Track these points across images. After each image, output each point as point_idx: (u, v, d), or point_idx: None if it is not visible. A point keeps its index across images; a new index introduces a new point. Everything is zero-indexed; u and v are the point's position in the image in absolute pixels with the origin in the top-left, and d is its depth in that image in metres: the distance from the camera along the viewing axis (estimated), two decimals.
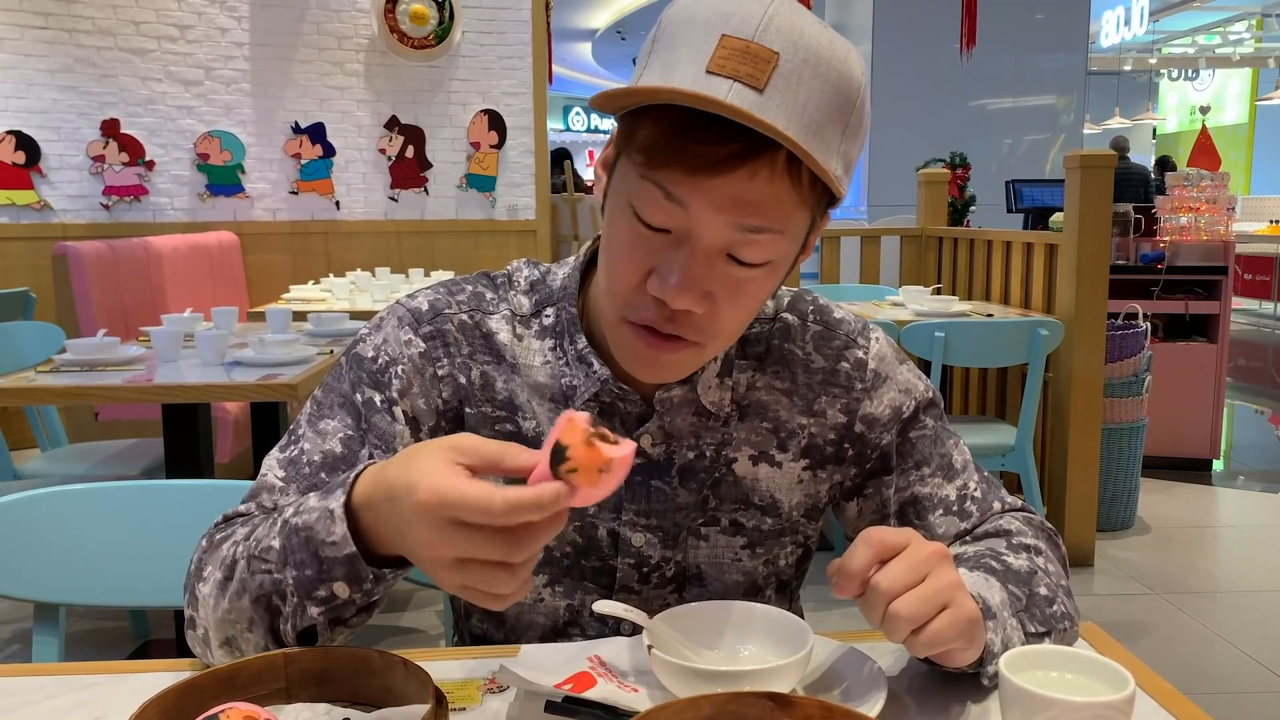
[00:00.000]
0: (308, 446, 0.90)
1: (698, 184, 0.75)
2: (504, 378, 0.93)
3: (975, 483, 0.99)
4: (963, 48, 5.73)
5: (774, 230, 0.78)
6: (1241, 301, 9.95)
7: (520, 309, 0.95)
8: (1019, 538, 0.94)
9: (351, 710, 0.72)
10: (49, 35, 4.94)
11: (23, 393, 2.36)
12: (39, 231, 4.94)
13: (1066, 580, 0.93)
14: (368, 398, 0.90)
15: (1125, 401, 3.67)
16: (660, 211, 0.77)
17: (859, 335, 0.99)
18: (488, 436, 0.80)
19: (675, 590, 0.97)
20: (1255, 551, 3.67)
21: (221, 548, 0.83)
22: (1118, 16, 11.95)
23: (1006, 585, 0.85)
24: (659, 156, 0.76)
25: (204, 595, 0.81)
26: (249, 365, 2.48)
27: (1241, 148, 15.23)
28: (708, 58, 0.74)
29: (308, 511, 0.75)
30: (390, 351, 0.92)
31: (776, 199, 0.76)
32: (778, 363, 0.97)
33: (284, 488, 0.88)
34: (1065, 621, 0.88)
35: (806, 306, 1.00)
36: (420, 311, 0.94)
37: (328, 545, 0.73)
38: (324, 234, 5.51)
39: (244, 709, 0.62)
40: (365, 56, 5.50)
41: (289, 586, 0.75)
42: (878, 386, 0.98)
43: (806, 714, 0.63)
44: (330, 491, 0.75)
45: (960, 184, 4.97)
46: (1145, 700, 0.78)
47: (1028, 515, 0.99)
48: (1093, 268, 3.26)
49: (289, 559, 0.75)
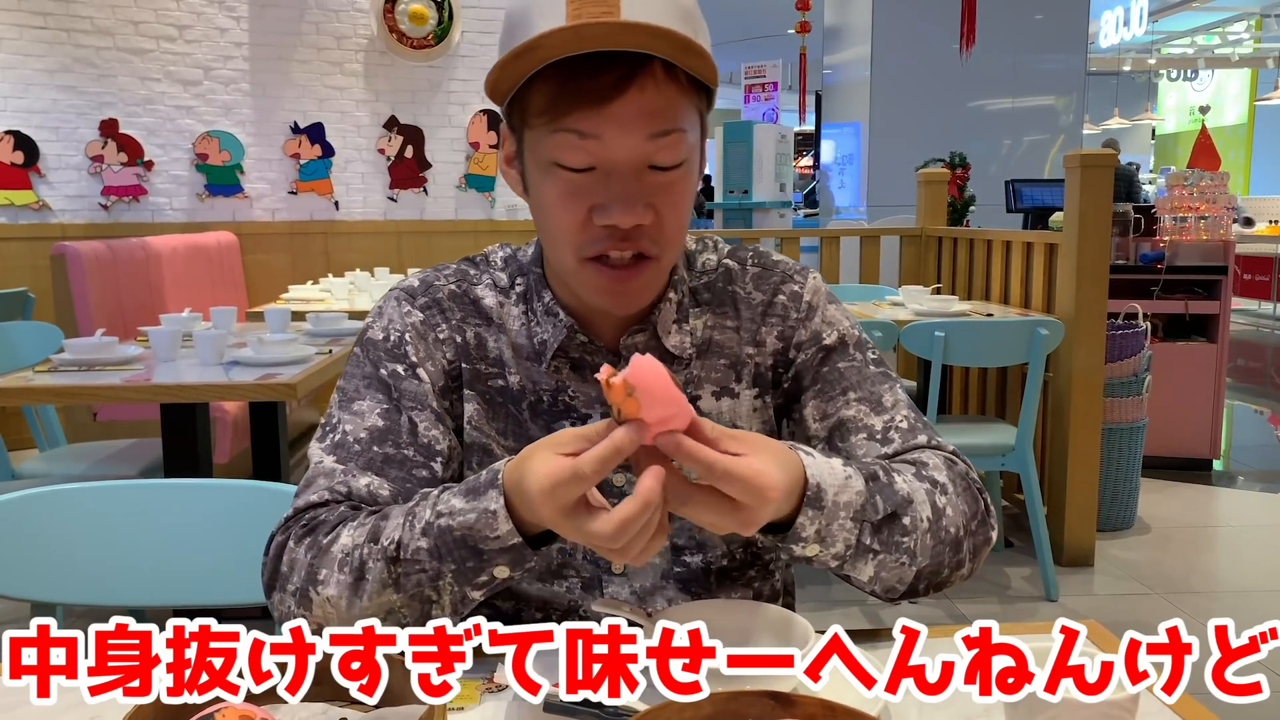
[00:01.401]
0: (349, 429, 0.97)
1: (602, 114, 0.85)
2: (493, 338, 1.02)
3: (903, 418, 1.00)
4: (962, 47, 5.73)
5: (678, 129, 0.88)
6: (1241, 302, 9.95)
7: (500, 282, 1.04)
8: (931, 471, 0.93)
9: (348, 709, 0.72)
10: (48, 35, 4.94)
11: (21, 392, 2.35)
12: (37, 232, 4.94)
13: (959, 530, 0.92)
14: (392, 370, 0.99)
15: (1125, 401, 3.66)
16: (579, 152, 0.87)
17: (796, 273, 1.08)
18: (481, 390, 1.01)
19: None
20: (1255, 551, 3.67)
21: (333, 551, 0.87)
22: (1117, 17, 11.94)
23: (874, 495, 0.86)
24: (560, 107, 0.85)
25: (328, 597, 0.86)
26: (247, 365, 2.48)
27: (1241, 148, 15.23)
28: (563, 14, 0.83)
29: (460, 514, 0.81)
30: (397, 327, 1.01)
31: (669, 101, 0.87)
32: (724, 304, 1.05)
33: (344, 469, 0.94)
34: (905, 556, 0.87)
35: (746, 253, 1.09)
36: (413, 287, 1.04)
37: (491, 540, 0.80)
38: (323, 234, 5.50)
39: (239, 708, 0.62)
40: (364, 56, 5.50)
41: (447, 580, 0.83)
42: (811, 316, 1.05)
43: (808, 712, 0.63)
44: (480, 494, 0.81)
45: (960, 184, 4.97)
46: (1148, 699, 0.78)
47: (952, 459, 0.98)
48: (1093, 267, 3.26)
49: (445, 557, 0.82)
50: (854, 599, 3.08)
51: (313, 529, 0.90)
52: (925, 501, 0.89)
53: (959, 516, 0.92)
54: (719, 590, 1.03)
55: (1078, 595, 3.14)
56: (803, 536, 0.82)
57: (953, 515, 0.92)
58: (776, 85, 9.51)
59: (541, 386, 1.00)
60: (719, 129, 7.90)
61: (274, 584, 0.89)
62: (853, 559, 0.85)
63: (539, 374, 1.00)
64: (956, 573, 0.94)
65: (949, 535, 0.91)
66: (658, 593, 1.02)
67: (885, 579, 0.89)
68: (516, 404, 1.01)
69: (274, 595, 0.89)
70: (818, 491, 0.82)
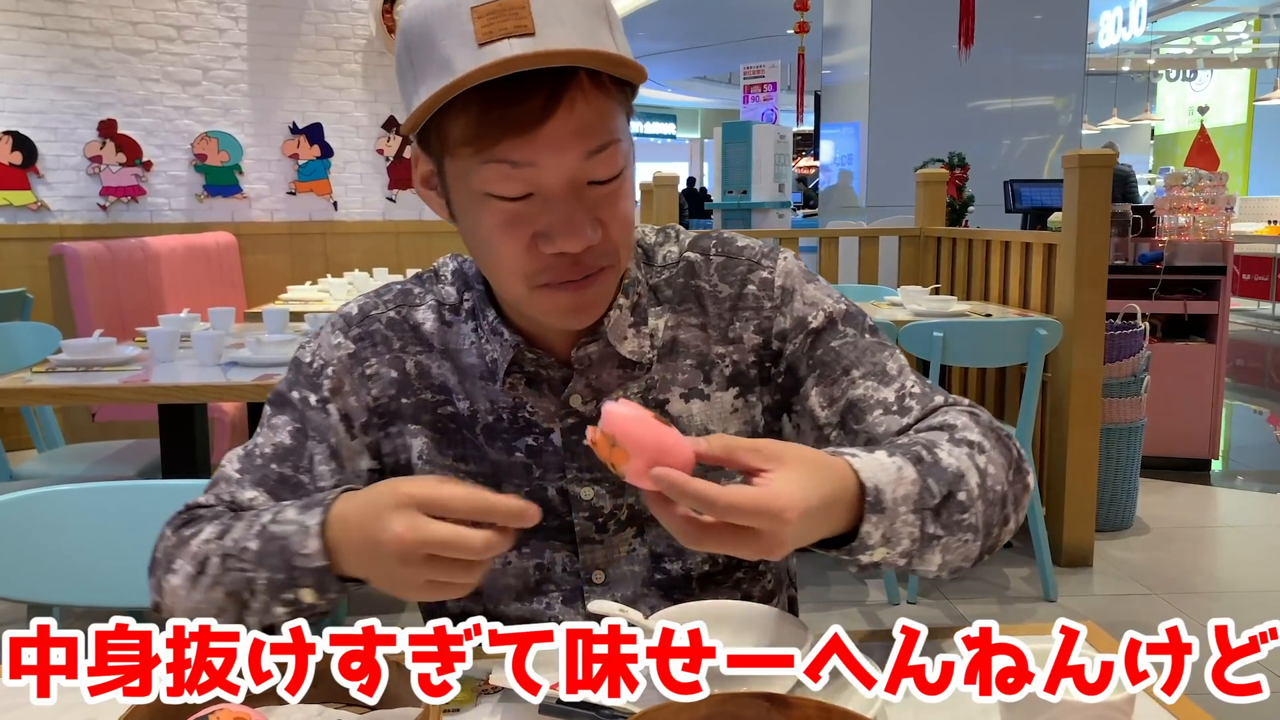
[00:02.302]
0: (260, 440, 0.97)
1: (533, 139, 0.79)
2: (436, 364, 0.99)
3: (913, 383, 0.96)
4: (961, 47, 5.73)
5: (613, 140, 0.83)
6: (1240, 302, 9.95)
7: (447, 299, 1.01)
8: (963, 433, 0.89)
9: (344, 711, 0.72)
10: (46, 35, 4.94)
11: (19, 393, 2.35)
12: (36, 232, 4.94)
13: (1004, 487, 0.88)
14: (303, 396, 0.98)
15: (1124, 402, 3.66)
16: (513, 182, 0.82)
17: (763, 258, 1.01)
18: (429, 420, 0.98)
19: (637, 534, 0.99)
20: (1254, 551, 3.67)
21: (191, 544, 0.88)
22: (1116, 17, 11.95)
23: (925, 479, 0.81)
24: (487, 137, 0.80)
25: (174, 586, 0.87)
26: (245, 365, 2.48)
27: (1239, 148, 15.24)
28: (472, 35, 0.78)
29: (286, 523, 0.82)
30: (323, 355, 0.99)
31: (599, 114, 0.82)
32: (687, 300, 1.00)
33: (240, 479, 0.95)
34: (969, 533, 0.84)
35: (709, 242, 1.03)
36: (351, 316, 1.01)
37: (301, 556, 0.80)
38: (322, 234, 5.50)
39: (234, 709, 0.62)
40: (363, 57, 5.50)
41: (261, 586, 0.82)
42: (788, 302, 0.99)
43: (804, 714, 0.62)
44: (309, 507, 0.82)
45: (959, 184, 4.97)
46: (1144, 700, 0.78)
47: (974, 411, 0.95)
48: (1091, 268, 3.26)
49: (264, 562, 0.82)
50: (853, 599, 3.08)
51: (189, 522, 0.92)
52: (971, 468, 0.85)
53: (1000, 472, 0.88)
54: (704, 596, 1.00)
55: (1077, 596, 3.14)
56: (869, 544, 0.78)
57: (995, 473, 0.87)
58: (775, 85, 9.52)
59: (500, 405, 0.97)
60: (718, 129, 7.90)
61: (150, 569, 0.92)
62: (920, 552, 0.81)
63: (495, 392, 0.97)
64: (1004, 530, 0.89)
65: (996, 495, 0.87)
66: (640, 600, 0.99)
67: (951, 561, 0.84)
68: (470, 428, 0.98)
69: (150, 579, 0.92)
70: (877, 494, 0.78)
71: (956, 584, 3.18)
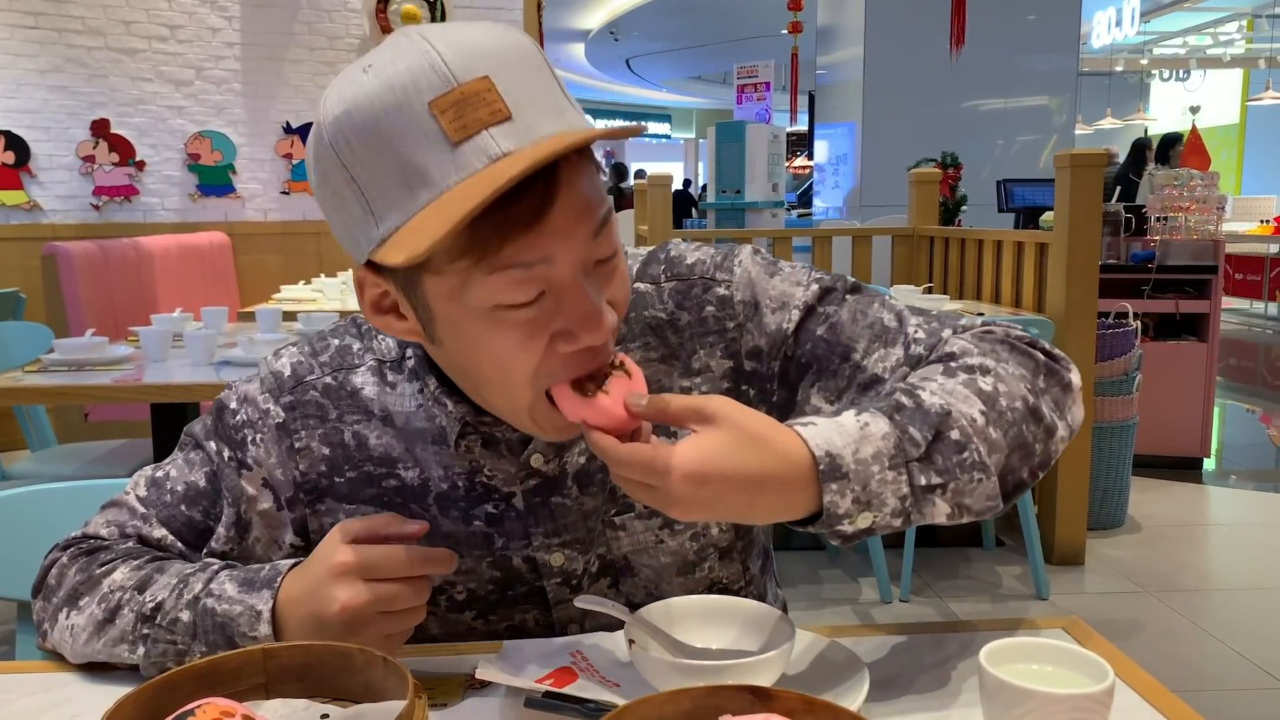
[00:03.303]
0: (174, 474, 0.93)
1: (544, 232, 0.70)
2: (376, 433, 0.91)
3: (914, 326, 0.90)
4: (952, 46, 5.74)
5: (609, 209, 0.76)
6: (1232, 301, 9.97)
7: (388, 354, 0.92)
8: (962, 359, 0.84)
9: (330, 706, 0.72)
10: (39, 35, 4.93)
11: (11, 392, 2.35)
12: (28, 232, 4.93)
13: (1028, 400, 0.82)
14: (219, 450, 0.92)
15: (1116, 400, 3.67)
16: (527, 286, 0.72)
17: (717, 271, 0.92)
18: (373, 494, 0.92)
19: (611, 584, 0.95)
20: (1245, 550, 3.68)
21: (101, 584, 0.85)
22: (1109, 17, 11.96)
23: (905, 428, 0.76)
24: (491, 245, 0.70)
25: (74, 625, 0.85)
26: (238, 365, 2.48)
27: (1232, 148, 15.28)
28: (440, 135, 0.68)
29: (229, 602, 0.80)
30: (249, 414, 0.92)
31: (593, 185, 0.74)
32: (644, 334, 0.91)
33: (145, 514, 0.91)
34: (975, 471, 0.77)
35: (658, 268, 0.93)
36: (283, 378, 0.93)
37: (248, 638, 0.79)
38: (315, 234, 5.50)
39: (220, 704, 0.62)
40: (356, 57, 5.47)
41: (195, 659, 0.78)
42: (752, 316, 0.91)
43: (787, 707, 0.63)
44: (253, 586, 0.81)
45: (951, 184, 4.98)
46: (1128, 694, 0.78)
47: (984, 331, 0.89)
48: (1083, 267, 3.27)
49: (200, 636, 0.80)
50: (846, 598, 3.08)
51: (92, 552, 0.89)
52: (967, 397, 0.79)
53: (1019, 385, 0.83)
54: (681, 586, 0.95)
55: (1068, 594, 3.15)
56: (840, 513, 0.73)
57: (1009, 389, 0.82)
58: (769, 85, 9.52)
59: (454, 471, 0.90)
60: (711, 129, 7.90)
61: (38, 591, 0.90)
62: (917, 506, 0.75)
63: (448, 457, 0.89)
64: (1053, 439, 0.83)
65: (1018, 412, 0.81)
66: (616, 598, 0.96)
67: (970, 504, 0.77)
68: (420, 500, 0.91)
69: (36, 601, 0.90)
70: (831, 460, 0.73)
71: (949, 582, 3.19)
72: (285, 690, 0.72)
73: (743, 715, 0.61)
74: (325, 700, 0.73)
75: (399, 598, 0.77)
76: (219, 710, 0.61)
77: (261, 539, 0.93)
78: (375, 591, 0.76)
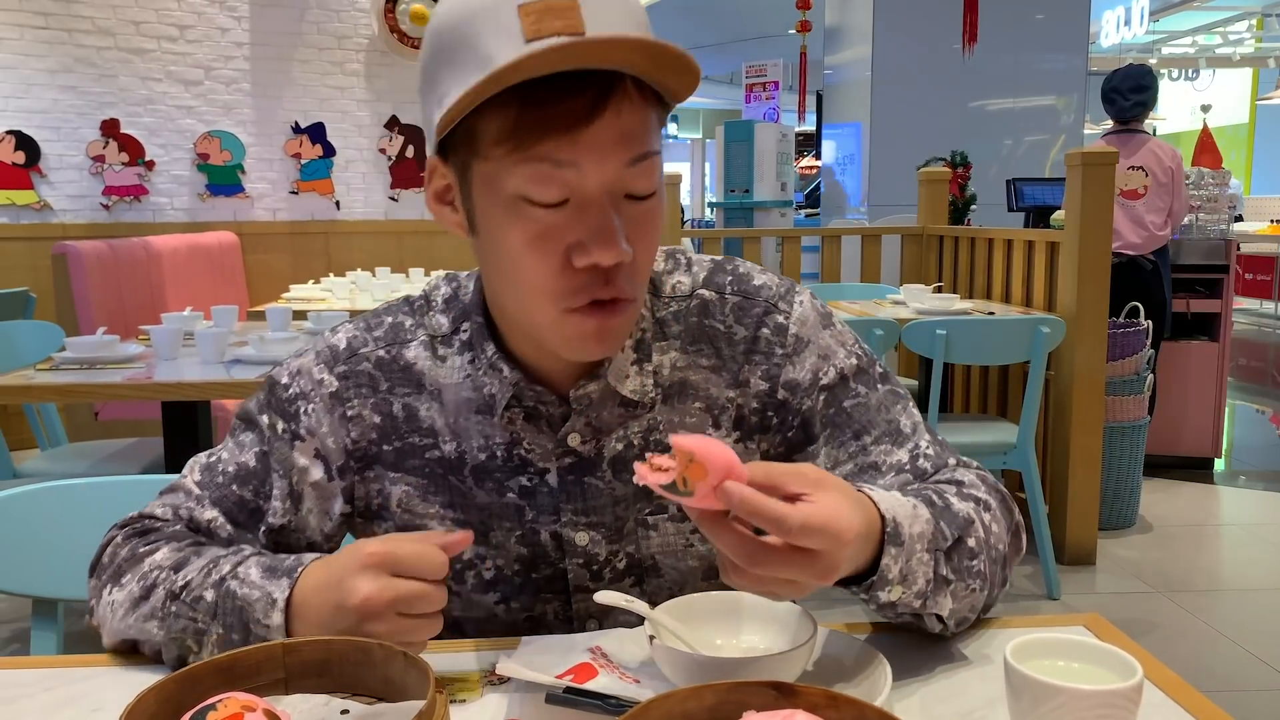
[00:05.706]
0: (225, 456, 0.95)
1: (579, 139, 0.76)
2: (425, 406, 0.94)
3: (927, 442, 0.94)
4: (964, 45, 5.73)
5: (654, 151, 0.80)
6: (1243, 301, 9.93)
7: (440, 329, 0.95)
8: (970, 489, 0.89)
9: (350, 701, 0.71)
10: (49, 35, 4.94)
11: (22, 390, 2.35)
12: (39, 232, 4.94)
13: (1005, 547, 0.89)
14: (272, 422, 0.94)
15: (1127, 400, 3.66)
16: (553, 184, 0.77)
17: (780, 300, 0.96)
18: (415, 464, 0.94)
19: (635, 584, 0.96)
20: (1257, 550, 3.67)
21: (144, 562, 0.87)
22: (1118, 16, 11.93)
23: (938, 521, 0.81)
24: (528, 134, 0.76)
25: (114, 600, 0.87)
26: (249, 363, 2.48)
27: (1242, 148, 15.22)
28: (518, 32, 0.74)
29: (250, 586, 0.81)
30: (303, 385, 0.95)
31: (643, 122, 0.79)
32: (700, 340, 0.95)
33: (200, 495, 0.93)
34: (977, 581, 0.84)
35: (725, 279, 0.97)
36: (338, 350, 0.96)
37: (261, 625, 0.79)
38: (324, 234, 5.50)
39: (241, 699, 0.62)
40: (365, 56, 5.50)
41: (212, 640, 0.81)
42: (799, 351, 0.95)
43: (811, 703, 0.62)
44: (276, 574, 0.81)
45: (961, 183, 4.96)
46: (1153, 691, 0.78)
47: (983, 474, 0.94)
48: (1094, 266, 3.26)
49: (219, 617, 0.81)
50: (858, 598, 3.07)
51: (144, 532, 0.91)
52: (978, 521, 0.85)
53: (1002, 532, 0.89)
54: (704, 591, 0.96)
55: (1079, 594, 3.14)
56: (889, 579, 0.77)
57: (998, 532, 0.88)
58: (777, 85, 9.52)
59: (494, 442, 0.92)
60: (720, 128, 7.90)
61: (93, 569, 0.91)
62: (933, 594, 0.80)
63: (490, 428, 0.92)
64: (1000, 590, 0.90)
65: (998, 554, 0.87)
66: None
67: (959, 610, 0.84)
68: (457, 472, 0.93)
69: (91, 579, 0.91)
70: (895, 527, 0.77)
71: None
72: (305, 685, 0.72)
73: (767, 711, 0.61)
74: (345, 696, 0.72)
75: (420, 600, 0.76)
76: (240, 705, 0.61)
77: (314, 510, 0.95)
78: (399, 589, 0.75)
